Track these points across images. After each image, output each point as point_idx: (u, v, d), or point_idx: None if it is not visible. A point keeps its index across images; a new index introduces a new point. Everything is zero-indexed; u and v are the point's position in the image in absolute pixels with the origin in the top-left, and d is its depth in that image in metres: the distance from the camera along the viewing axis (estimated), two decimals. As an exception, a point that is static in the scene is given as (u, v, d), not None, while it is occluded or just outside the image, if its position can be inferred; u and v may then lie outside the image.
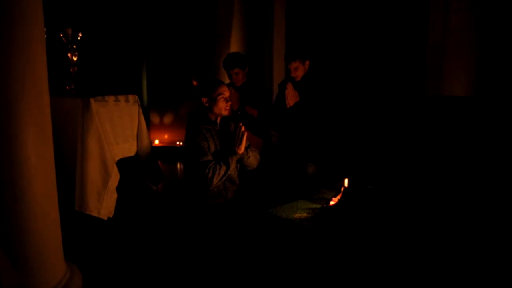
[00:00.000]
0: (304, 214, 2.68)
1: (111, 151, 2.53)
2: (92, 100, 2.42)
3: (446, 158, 3.13)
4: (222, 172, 2.68)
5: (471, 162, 2.99)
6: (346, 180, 2.79)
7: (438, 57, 3.78)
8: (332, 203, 2.78)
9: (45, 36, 2.01)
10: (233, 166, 2.75)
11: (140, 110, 2.97)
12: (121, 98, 2.77)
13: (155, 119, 5.95)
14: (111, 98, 2.65)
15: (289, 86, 3.38)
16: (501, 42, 3.49)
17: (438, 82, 3.75)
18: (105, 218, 2.48)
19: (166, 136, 5.96)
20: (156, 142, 5.83)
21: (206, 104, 2.80)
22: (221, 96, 2.78)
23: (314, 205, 2.84)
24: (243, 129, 2.76)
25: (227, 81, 3.64)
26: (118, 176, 2.57)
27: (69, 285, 1.80)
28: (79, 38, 2.78)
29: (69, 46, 2.76)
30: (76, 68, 2.80)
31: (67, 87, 2.77)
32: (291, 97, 3.37)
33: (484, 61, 3.53)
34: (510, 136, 2.90)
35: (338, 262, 2.21)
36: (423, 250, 2.27)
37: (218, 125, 2.86)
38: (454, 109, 3.24)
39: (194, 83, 5.78)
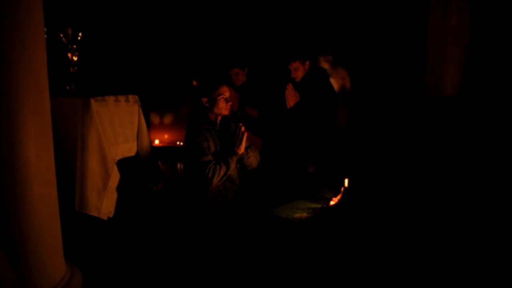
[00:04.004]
0: (304, 214, 2.69)
1: (111, 151, 2.53)
2: (92, 100, 2.42)
3: (445, 159, 3.12)
4: (222, 172, 2.68)
5: (471, 163, 2.99)
6: (346, 180, 2.80)
7: (438, 57, 3.78)
8: (332, 203, 2.79)
9: (45, 36, 2.01)
10: (233, 166, 2.75)
11: (140, 110, 2.97)
12: (121, 98, 2.77)
13: (155, 119, 5.95)
14: (111, 98, 2.64)
15: (289, 87, 3.39)
16: (501, 42, 3.48)
17: (438, 82, 3.75)
18: (105, 218, 2.48)
19: (166, 136, 5.96)
20: (156, 142, 5.83)
21: (206, 104, 2.80)
22: (221, 96, 2.78)
23: (314, 205, 2.85)
24: (243, 129, 2.76)
25: None
26: (118, 176, 2.56)
27: (69, 285, 1.80)
28: (79, 38, 2.77)
29: (69, 46, 2.76)
30: (76, 68, 2.80)
31: (67, 87, 2.77)
32: (291, 97, 3.38)
33: (484, 61, 3.53)
34: (509, 136, 2.90)
35: (338, 262, 2.21)
36: (422, 250, 2.27)
37: (218, 125, 2.86)
38: (454, 109, 3.24)
39: (194, 83, 5.78)
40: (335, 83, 4.63)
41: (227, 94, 2.81)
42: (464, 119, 3.13)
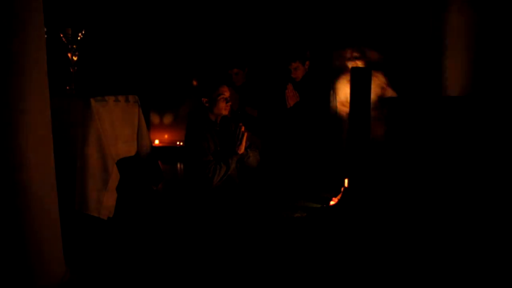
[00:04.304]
0: (304, 214, 2.69)
1: (111, 151, 2.53)
2: (92, 100, 2.42)
3: (446, 159, 3.12)
4: (222, 172, 2.69)
5: (472, 164, 2.98)
6: (346, 180, 2.80)
7: (438, 56, 3.78)
8: (332, 203, 2.79)
9: (45, 36, 2.01)
10: (233, 166, 2.75)
11: (140, 110, 2.97)
12: (121, 98, 2.77)
13: (155, 119, 5.95)
14: (111, 98, 2.64)
15: (289, 87, 3.39)
16: (501, 41, 3.48)
17: (438, 82, 3.75)
18: (105, 218, 2.48)
19: (166, 136, 5.95)
20: (156, 142, 5.82)
21: (207, 105, 2.81)
22: (222, 96, 2.78)
23: (314, 205, 2.85)
24: (243, 129, 2.76)
25: None
26: (118, 176, 2.56)
27: (69, 285, 1.80)
28: (79, 38, 2.77)
29: (69, 46, 2.76)
30: (76, 68, 2.80)
31: (67, 87, 2.77)
32: (291, 97, 3.38)
33: (484, 61, 3.53)
34: (509, 135, 2.90)
35: (337, 262, 2.21)
36: (423, 250, 2.27)
37: (218, 125, 2.86)
38: (454, 109, 3.24)
39: (194, 83, 5.78)
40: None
41: (227, 94, 2.81)
42: (467, 119, 3.13)
